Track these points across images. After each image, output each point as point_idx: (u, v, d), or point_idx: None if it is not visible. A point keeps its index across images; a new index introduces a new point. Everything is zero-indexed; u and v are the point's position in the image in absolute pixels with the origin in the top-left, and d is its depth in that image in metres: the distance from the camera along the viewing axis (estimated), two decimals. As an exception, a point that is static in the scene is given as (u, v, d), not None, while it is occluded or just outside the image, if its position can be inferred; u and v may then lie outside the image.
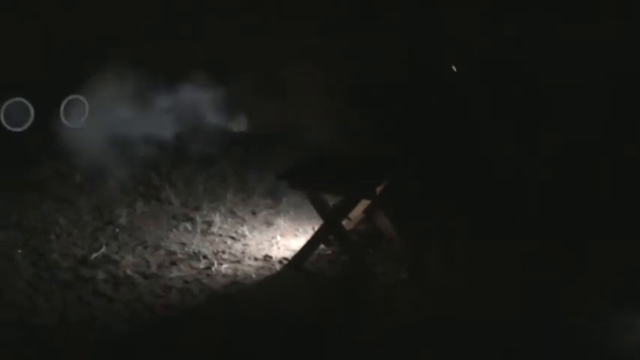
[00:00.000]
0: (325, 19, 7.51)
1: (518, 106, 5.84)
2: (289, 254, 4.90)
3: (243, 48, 7.82)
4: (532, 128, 5.83)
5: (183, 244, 5.12)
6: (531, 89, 5.86)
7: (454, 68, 5.91)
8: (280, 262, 4.83)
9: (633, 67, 5.77)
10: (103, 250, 4.94)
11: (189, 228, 5.47)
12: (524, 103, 5.84)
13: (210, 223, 5.55)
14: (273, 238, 5.30)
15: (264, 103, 7.51)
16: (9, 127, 7.64)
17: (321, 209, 4.71)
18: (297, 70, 7.14)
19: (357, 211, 4.96)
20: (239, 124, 8.19)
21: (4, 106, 7.57)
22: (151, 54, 7.77)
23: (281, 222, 5.62)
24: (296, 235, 5.35)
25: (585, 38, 5.82)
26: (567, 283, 4.46)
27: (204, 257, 4.88)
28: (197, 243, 5.15)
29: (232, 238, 5.29)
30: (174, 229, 5.43)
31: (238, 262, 4.83)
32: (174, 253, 4.95)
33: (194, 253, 4.95)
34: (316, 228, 4.95)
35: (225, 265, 4.75)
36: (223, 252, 4.99)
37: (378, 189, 4.74)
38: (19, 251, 4.85)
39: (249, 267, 4.75)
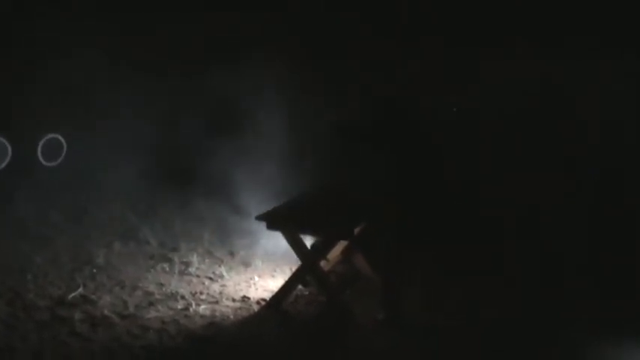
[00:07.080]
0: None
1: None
2: (267, 295, 4.93)
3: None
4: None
5: (161, 285, 5.12)
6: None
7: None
8: (258, 302, 4.84)
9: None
10: (81, 290, 4.92)
11: (167, 268, 5.47)
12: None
13: (187, 264, 5.56)
14: (250, 278, 5.32)
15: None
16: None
17: (299, 250, 4.76)
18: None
19: (335, 252, 5.03)
20: None
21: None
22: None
23: (259, 263, 5.65)
24: (273, 276, 5.38)
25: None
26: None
27: (182, 298, 4.88)
28: (175, 283, 5.15)
29: (210, 278, 5.30)
30: (152, 270, 5.44)
31: (216, 302, 4.84)
32: (151, 293, 4.95)
33: (172, 293, 4.96)
34: (294, 269, 4.99)
35: (203, 306, 4.76)
36: (201, 293, 5.00)
37: (356, 230, 4.81)
38: (-5, 290, 4.83)
39: (227, 308, 4.76)
